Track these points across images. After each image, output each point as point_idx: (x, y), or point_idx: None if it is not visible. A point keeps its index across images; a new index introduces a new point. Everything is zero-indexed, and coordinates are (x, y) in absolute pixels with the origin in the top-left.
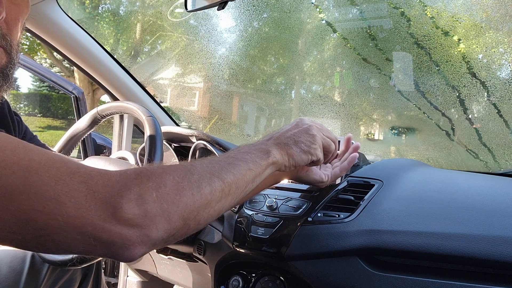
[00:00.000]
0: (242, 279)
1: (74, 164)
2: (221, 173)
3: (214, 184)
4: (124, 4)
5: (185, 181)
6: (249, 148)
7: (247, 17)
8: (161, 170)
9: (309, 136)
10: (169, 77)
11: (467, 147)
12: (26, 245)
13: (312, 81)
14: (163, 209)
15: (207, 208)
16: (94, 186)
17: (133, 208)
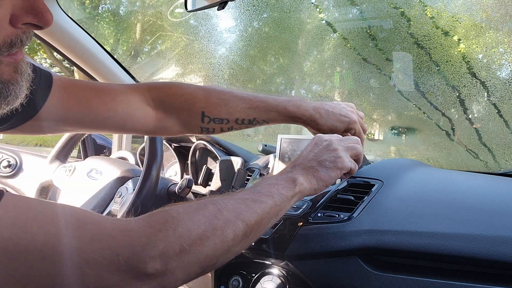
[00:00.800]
0: (242, 279)
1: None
2: (246, 215)
3: (238, 229)
4: (124, 4)
5: (210, 228)
6: (275, 179)
7: (247, 17)
8: (188, 217)
9: (332, 152)
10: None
11: (467, 147)
12: None
13: (312, 81)
14: (184, 262)
15: (226, 254)
16: (117, 249)
17: (155, 265)
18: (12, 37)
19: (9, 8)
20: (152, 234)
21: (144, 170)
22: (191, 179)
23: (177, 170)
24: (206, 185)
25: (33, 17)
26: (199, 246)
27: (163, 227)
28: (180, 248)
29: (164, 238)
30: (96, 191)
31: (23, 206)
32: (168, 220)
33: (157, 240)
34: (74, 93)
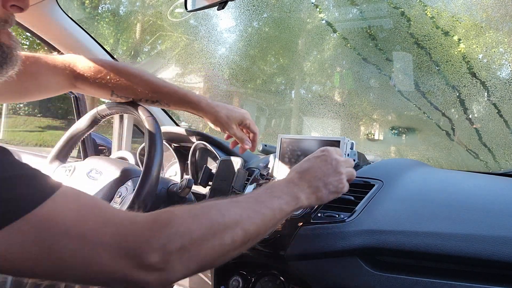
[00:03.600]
0: (242, 279)
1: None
2: (246, 223)
3: (236, 235)
4: (124, 4)
5: (211, 232)
6: (281, 191)
7: (247, 17)
8: (192, 219)
9: (337, 175)
10: (169, 77)
11: (467, 147)
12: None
13: (312, 81)
14: (183, 258)
15: (224, 256)
16: (124, 236)
17: (155, 257)
18: (4, 17)
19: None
20: (156, 229)
21: (144, 170)
22: (191, 179)
23: (177, 170)
24: (206, 185)
25: (17, 1)
26: (199, 246)
27: (167, 225)
28: (181, 246)
29: (167, 235)
30: (96, 191)
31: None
32: (173, 219)
33: (160, 235)
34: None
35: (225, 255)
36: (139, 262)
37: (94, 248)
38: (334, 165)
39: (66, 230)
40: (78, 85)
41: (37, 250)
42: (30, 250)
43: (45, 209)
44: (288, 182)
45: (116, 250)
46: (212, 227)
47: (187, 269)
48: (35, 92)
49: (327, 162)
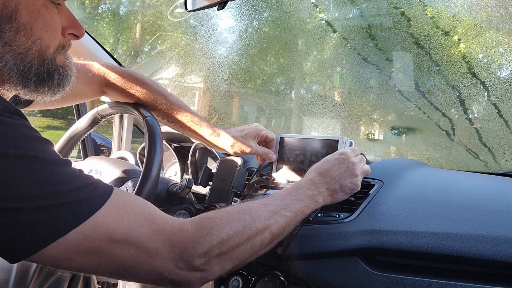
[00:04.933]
0: (242, 279)
1: (161, 220)
2: (273, 227)
3: (265, 238)
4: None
5: (244, 236)
6: (302, 195)
7: (247, 17)
8: (229, 227)
9: (353, 177)
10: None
11: (467, 147)
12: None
13: (312, 81)
14: (221, 260)
15: (253, 255)
16: (174, 242)
17: (200, 261)
18: (63, 43)
19: (60, 23)
20: (201, 237)
21: (143, 170)
22: (191, 179)
23: (177, 170)
24: (206, 185)
25: (74, 30)
26: (234, 250)
27: (210, 233)
28: (220, 251)
29: (210, 242)
30: None
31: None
32: (214, 227)
33: (205, 243)
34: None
35: (253, 255)
36: (185, 265)
37: (148, 254)
38: (351, 168)
39: (125, 239)
40: (108, 93)
41: (99, 255)
42: (93, 255)
43: (100, 216)
44: (310, 184)
45: (167, 254)
46: (245, 232)
47: (223, 269)
48: (71, 98)
49: (344, 165)
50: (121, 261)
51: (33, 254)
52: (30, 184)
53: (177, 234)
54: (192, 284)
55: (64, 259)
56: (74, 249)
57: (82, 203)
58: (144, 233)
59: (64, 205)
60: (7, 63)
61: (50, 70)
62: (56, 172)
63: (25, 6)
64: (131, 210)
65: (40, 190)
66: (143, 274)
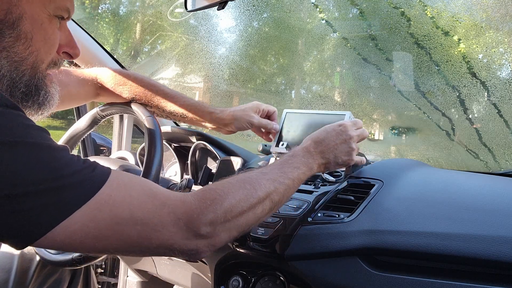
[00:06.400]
0: (242, 279)
1: (162, 194)
2: (273, 194)
3: (265, 206)
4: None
5: (247, 204)
6: (299, 162)
7: (247, 17)
8: (230, 195)
9: (348, 150)
10: (169, 77)
11: (467, 147)
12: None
13: (312, 81)
14: (227, 227)
15: (257, 222)
16: (179, 214)
17: (206, 229)
18: (56, 60)
19: (58, 40)
20: (204, 207)
21: (144, 170)
22: (191, 179)
23: (177, 170)
24: (205, 185)
25: (70, 49)
26: (238, 217)
27: (213, 203)
28: (225, 218)
29: (214, 211)
30: None
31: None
32: (216, 197)
33: (208, 212)
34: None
35: (256, 222)
36: (192, 234)
37: (155, 228)
38: (348, 141)
39: (130, 216)
40: (102, 94)
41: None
42: (101, 236)
43: (103, 195)
44: (305, 152)
45: (173, 227)
46: (247, 201)
47: (229, 237)
48: (66, 101)
49: (341, 137)
50: (129, 239)
51: (41, 237)
52: (31, 169)
53: (180, 206)
54: (201, 252)
55: (73, 241)
56: (81, 231)
57: (84, 184)
58: (148, 209)
59: (67, 187)
60: (2, 68)
61: (38, 85)
62: (56, 156)
63: (30, 15)
64: (132, 188)
65: (42, 174)
66: (153, 248)
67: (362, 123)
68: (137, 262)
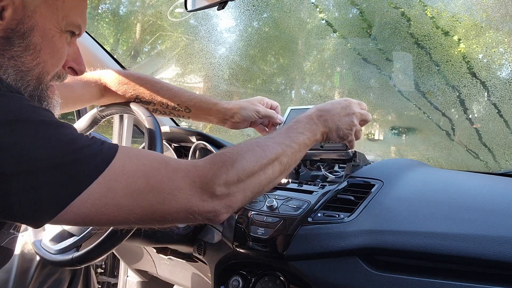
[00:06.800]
0: (242, 279)
1: (174, 161)
2: (281, 156)
3: (275, 167)
4: (124, 4)
5: (257, 165)
6: (303, 128)
7: (247, 17)
8: (240, 156)
9: (350, 125)
10: (169, 77)
11: (467, 147)
12: (147, 225)
13: (312, 81)
14: (241, 188)
15: (269, 184)
16: (193, 178)
17: (221, 189)
18: (60, 73)
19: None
20: (216, 169)
21: None
22: None
23: None
24: None
25: (76, 65)
26: (251, 177)
27: (223, 164)
28: (238, 178)
29: (225, 172)
30: None
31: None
32: (226, 160)
33: (221, 174)
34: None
35: (268, 184)
36: (209, 195)
37: (172, 193)
38: (351, 115)
39: (146, 183)
40: (106, 95)
41: (126, 204)
42: (121, 206)
43: (117, 166)
44: (308, 119)
45: (189, 190)
46: (257, 161)
47: (244, 197)
48: (71, 103)
49: (345, 111)
50: (148, 205)
51: (60, 212)
52: (42, 146)
53: (193, 171)
54: (220, 214)
55: (93, 214)
56: (101, 202)
57: (96, 156)
58: (162, 175)
59: (79, 161)
60: (8, 76)
61: (41, 96)
62: (65, 133)
63: (41, 28)
64: (143, 158)
65: (54, 149)
66: (173, 213)
67: (366, 106)
68: (137, 262)
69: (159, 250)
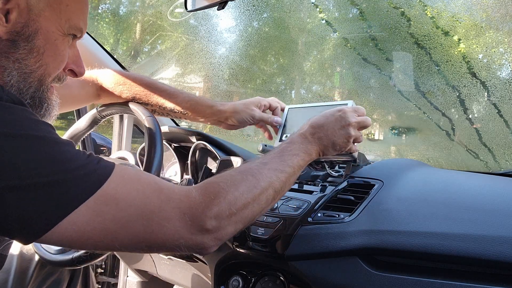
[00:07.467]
0: (242, 279)
1: (167, 189)
2: (275, 183)
3: (269, 195)
4: (124, 4)
5: (250, 196)
6: (298, 150)
7: (247, 17)
8: (233, 188)
9: (346, 137)
10: (169, 77)
11: (467, 147)
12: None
13: (312, 81)
14: (232, 220)
15: (261, 212)
16: (184, 209)
17: (212, 223)
18: (60, 75)
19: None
20: (208, 201)
21: (144, 170)
22: (191, 179)
23: (177, 170)
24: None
25: (76, 67)
26: (243, 210)
27: (216, 196)
28: (230, 212)
29: (218, 204)
30: None
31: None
32: (220, 191)
33: (213, 206)
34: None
35: (260, 213)
36: (198, 229)
37: (160, 223)
38: (346, 127)
39: (135, 211)
40: (102, 95)
41: (113, 229)
42: (107, 230)
43: (109, 189)
44: (302, 138)
45: (178, 222)
46: (250, 192)
47: (235, 229)
48: (68, 103)
49: (340, 123)
50: (135, 234)
51: (47, 231)
52: (36, 161)
53: (185, 201)
54: (208, 247)
55: (79, 236)
56: (88, 225)
57: (89, 177)
58: (154, 204)
59: (72, 180)
60: (12, 78)
61: (42, 97)
62: (61, 150)
63: (45, 31)
64: (137, 182)
65: (47, 167)
66: (160, 243)
67: (364, 111)
68: (137, 262)
69: None
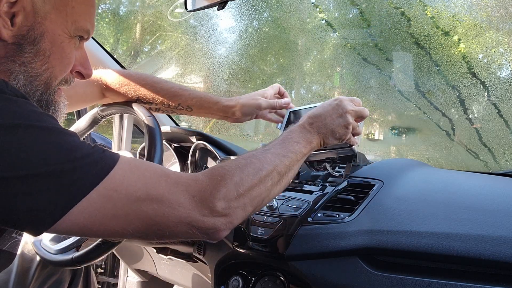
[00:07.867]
0: (242, 279)
1: (174, 175)
2: (279, 166)
3: (274, 178)
4: (124, 4)
5: (256, 178)
6: (298, 137)
7: (247, 17)
8: (239, 170)
9: (345, 125)
10: (169, 77)
11: (467, 147)
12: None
13: (312, 81)
14: (241, 202)
15: (268, 196)
16: (193, 192)
17: (221, 204)
18: (67, 78)
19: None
20: (216, 183)
21: None
22: None
23: (177, 170)
24: None
25: (83, 69)
26: (251, 191)
27: (223, 179)
28: (237, 193)
29: (225, 186)
30: None
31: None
32: (226, 174)
33: (220, 188)
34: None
35: (268, 196)
36: (209, 210)
37: (171, 206)
38: (343, 114)
39: (146, 195)
40: (107, 95)
41: (125, 215)
42: (119, 217)
43: (117, 176)
44: (301, 128)
45: (189, 204)
46: (256, 174)
47: (245, 212)
48: (73, 103)
49: (337, 112)
50: (147, 218)
51: (58, 220)
52: (45, 151)
53: (193, 185)
54: (220, 230)
55: (91, 224)
56: (99, 212)
57: (96, 165)
58: (163, 187)
59: (80, 168)
60: (18, 82)
61: (49, 100)
62: (68, 140)
63: (51, 34)
64: (144, 169)
65: (56, 156)
66: (172, 227)
67: (360, 102)
68: (137, 262)
69: (159, 250)
